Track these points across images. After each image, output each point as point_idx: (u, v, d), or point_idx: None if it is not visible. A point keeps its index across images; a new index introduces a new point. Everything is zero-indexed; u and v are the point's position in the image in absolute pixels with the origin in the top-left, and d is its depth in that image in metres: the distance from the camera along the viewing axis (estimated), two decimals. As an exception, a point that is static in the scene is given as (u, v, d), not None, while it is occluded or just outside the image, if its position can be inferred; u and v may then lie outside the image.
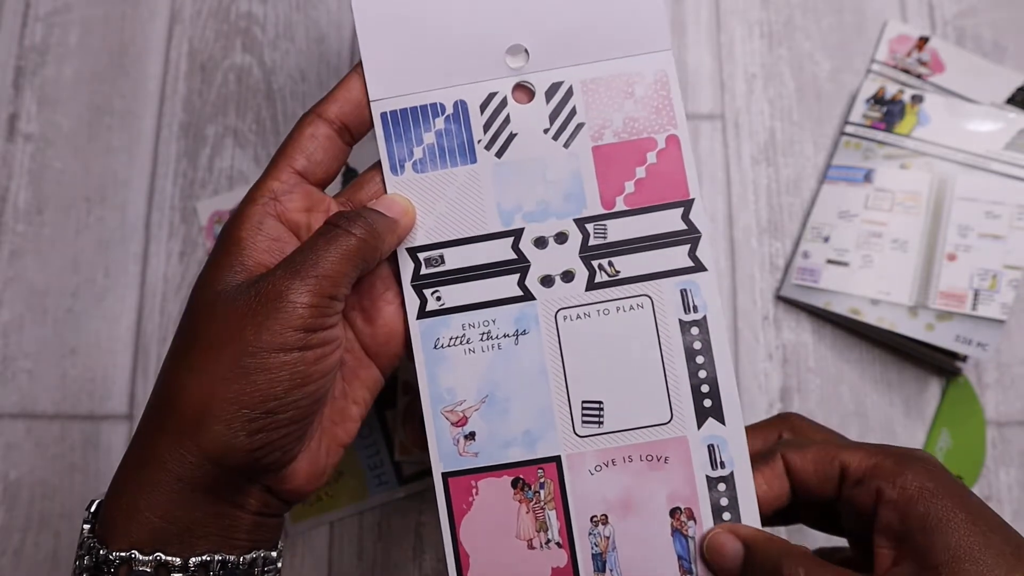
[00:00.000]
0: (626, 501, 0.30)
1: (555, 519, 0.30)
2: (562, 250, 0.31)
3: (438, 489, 0.30)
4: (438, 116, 0.31)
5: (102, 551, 0.25)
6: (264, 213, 0.28)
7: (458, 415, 0.30)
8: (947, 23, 0.49)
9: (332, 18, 0.50)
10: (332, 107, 0.30)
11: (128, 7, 0.50)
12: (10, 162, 0.48)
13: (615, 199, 0.31)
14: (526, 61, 0.31)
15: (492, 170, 0.31)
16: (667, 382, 0.30)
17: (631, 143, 0.31)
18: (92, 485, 0.44)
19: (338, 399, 0.31)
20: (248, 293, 0.26)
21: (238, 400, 0.25)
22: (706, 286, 0.30)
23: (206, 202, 0.47)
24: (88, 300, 0.46)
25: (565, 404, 0.30)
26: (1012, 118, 0.46)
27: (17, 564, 0.43)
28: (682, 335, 0.30)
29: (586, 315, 0.31)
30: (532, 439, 0.30)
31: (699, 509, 0.30)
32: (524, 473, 0.30)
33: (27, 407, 0.45)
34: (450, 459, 0.30)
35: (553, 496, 0.30)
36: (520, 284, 0.31)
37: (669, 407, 0.30)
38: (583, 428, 0.30)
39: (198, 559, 0.26)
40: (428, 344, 0.31)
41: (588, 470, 0.30)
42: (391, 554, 0.43)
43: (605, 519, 0.30)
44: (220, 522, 0.26)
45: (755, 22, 0.50)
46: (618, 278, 0.31)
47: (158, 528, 0.25)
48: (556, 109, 0.31)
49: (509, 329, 0.31)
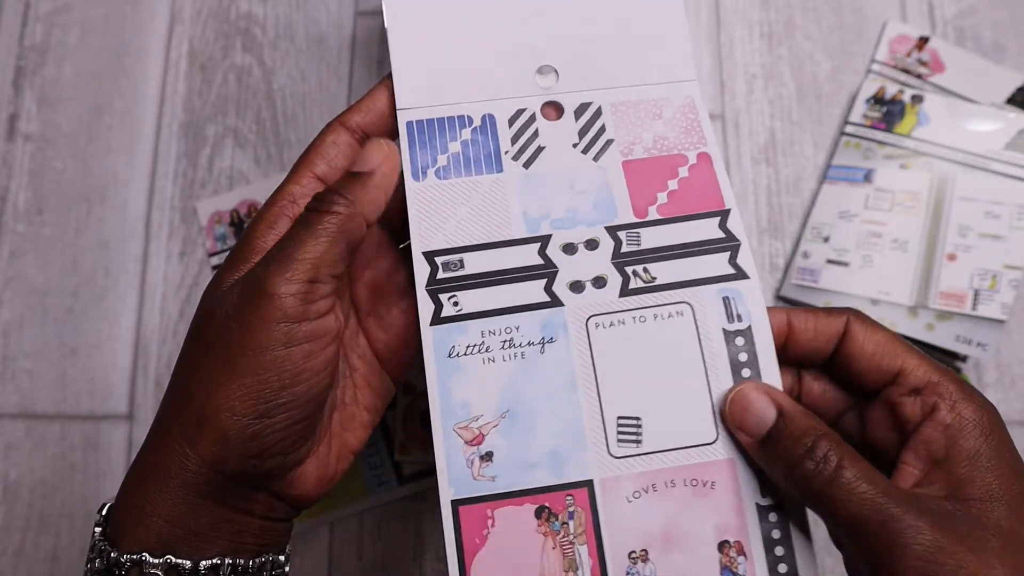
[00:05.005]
0: (668, 533, 0.26)
1: (587, 556, 0.26)
2: (593, 256, 0.29)
3: (446, 520, 0.26)
4: (465, 127, 0.30)
5: (112, 553, 0.25)
6: (280, 215, 0.28)
7: (473, 432, 0.27)
8: (947, 23, 0.49)
9: (332, 18, 0.50)
10: (355, 116, 0.30)
11: (128, 7, 0.50)
12: (10, 162, 0.48)
13: (647, 208, 0.30)
14: (556, 81, 0.31)
15: (518, 179, 0.30)
16: (711, 397, 0.27)
17: (661, 158, 0.30)
18: (92, 485, 0.44)
19: (348, 405, 0.30)
20: (234, 291, 0.26)
21: (230, 405, 0.25)
22: (750, 294, 0.28)
23: (206, 202, 0.47)
24: (88, 300, 0.46)
25: (598, 420, 0.27)
26: (1012, 118, 0.46)
27: (17, 564, 0.43)
28: (726, 346, 0.28)
29: (620, 323, 0.28)
30: (559, 461, 0.27)
31: (749, 543, 0.26)
32: (550, 500, 0.26)
33: (27, 407, 0.45)
34: (462, 484, 0.26)
35: (585, 528, 0.26)
36: (547, 290, 0.29)
37: (714, 425, 0.27)
38: (619, 448, 0.27)
39: (208, 562, 0.26)
40: (442, 352, 0.28)
41: (625, 497, 0.26)
42: (391, 554, 0.43)
43: (645, 555, 0.26)
44: (229, 527, 0.26)
45: (755, 22, 0.50)
46: (654, 284, 0.28)
47: (166, 533, 0.25)
48: (585, 126, 0.31)
49: (534, 336, 0.28)
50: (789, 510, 0.26)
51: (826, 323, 0.28)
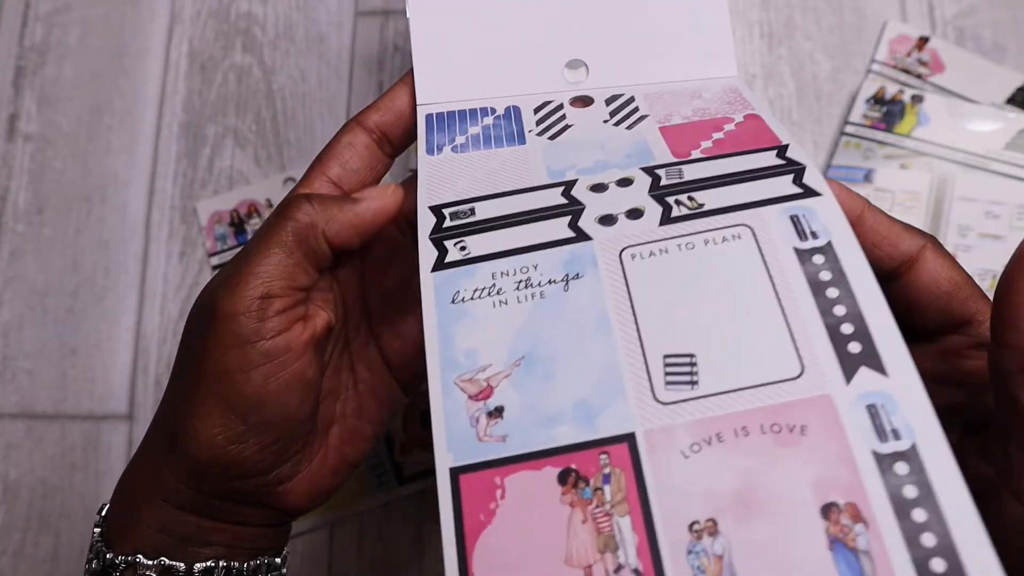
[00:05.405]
0: (745, 496, 0.19)
1: (630, 531, 0.19)
2: (626, 191, 0.24)
3: (442, 494, 0.20)
4: (487, 116, 0.28)
5: (108, 554, 0.25)
6: None
7: (479, 385, 0.21)
8: (947, 23, 0.49)
9: (332, 18, 0.50)
10: (373, 115, 0.28)
11: (128, 7, 0.50)
12: (10, 162, 0.48)
13: (690, 152, 0.25)
14: (586, 76, 0.29)
15: (542, 147, 0.27)
16: (788, 324, 0.21)
17: (703, 121, 0.26)
18: (92, 485, 0.44)
19: (350, 418, 0.29)
20: (198, 310, 0.25)
21: (199, 430, 0.24)
22: (825, 210, 0.22)
23: (206, 202, 0.47)
24: (88, 300, 0.46)
25: (639, 360, 0.21)
26: (1012, 118, 0.46)
27: (17, 564, 0.43)
28: (802, 266, 0.21)
29: (663, 251, 0.22)
30: (589, 412, 0.20)
31: (869, 505, 0.18)
32: (578, 461, 0.20)
33: (27, 407, 0.45)
34: (464, 447, 0.20)
35: (625, 493, 0.19)
36: (572, 226, 0.24)
37: (797, 356, 0.20)
38: (668, 392, 0.20)
39: (203, 565, 0.26)
40: (443, 298, 0.22)
41: (680, 451, 0.19)
42: (391, 554, 0.43)
43: (713, 526, 0.18)
44: (221, 535, 0.26)
45: (755, 22, 0.50)
46: (701, 210, 0.23)
47: (159, 540, 0.25)
48: (617, 108, 0.28)
49: (556, 274, 0.23)
50: (925, 454, 0.18)
51: (900, 236, 0.24)
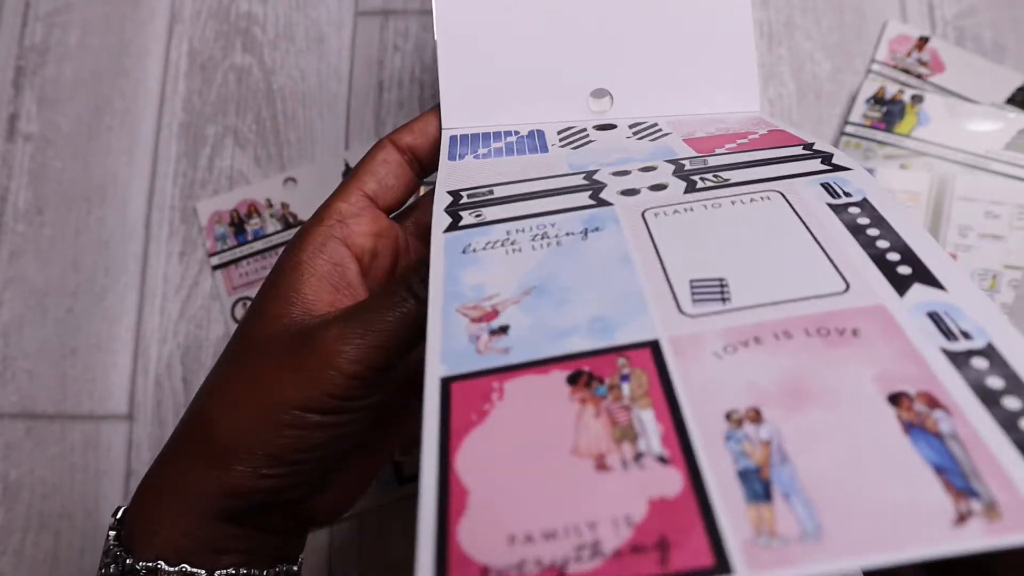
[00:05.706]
0: (795, 388, 0.17)
1: (652, 421, 0.17)
2: (650, 175, 0.24)
3: (429, 399, 0.18)
4: (511, 136, 0.29)
5: (128, 560, 0.25)
6: (328, 235, 0.27)
7: (483, 310, 0.20)
8: (947, 23, 0.49)
9: (332, 18, 0.50)
10: (407, 136, 0.29)
11: (128, 7, 0.50)
12: (10, 162, 0.48)
13: (714, 150, 0.26)
14: (610, 105, 0.30)
15: (565, 154, 0.27)
16: (828, 255, 0.20)
17: (727, 135, 0.27)
18: (92, 485, 0.44)
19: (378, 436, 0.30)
20: (295, 342, 0.25)
21: (263, 448, 0.25)
22: (858, 178, 0.22)
23: (206, 202, 0.47)
24: (88, 300, 0.46)
25: (663, 285, 0.20)
26: (1012, 118, 0.46)
27: (17, 564, 0.43)
28: (837, 215, 0.21)
29: (688, 210, 0.22)
30: (606, 325, 0.19)
31: (948, 393, 0.17)
32: (592, 365, 0.18)
33: (27, 407, 0.45)
34: (460, 358, 0.18)
35: (648, 388, 0.18)
36: (593, 197, 0.23)
37: (840, 276, 0.20)
38: (695, 307, 0.19)
39: (224, 572, 0.26)
40: (454, 250, 0.22)
41: (712, 352, 0.18)
42: (391, 554, 0.43)
43: (757, 415, 0.17)
44: (246, 542, 0.27)
45: (755, 22, 0.50)
46: (728, 183, 0.23)
47: (182, 546, 0.25)
48: (641, 129, 0.29)
49: (575, 228, 0.22)
50: (1011, 352, 0.17)
51: None
